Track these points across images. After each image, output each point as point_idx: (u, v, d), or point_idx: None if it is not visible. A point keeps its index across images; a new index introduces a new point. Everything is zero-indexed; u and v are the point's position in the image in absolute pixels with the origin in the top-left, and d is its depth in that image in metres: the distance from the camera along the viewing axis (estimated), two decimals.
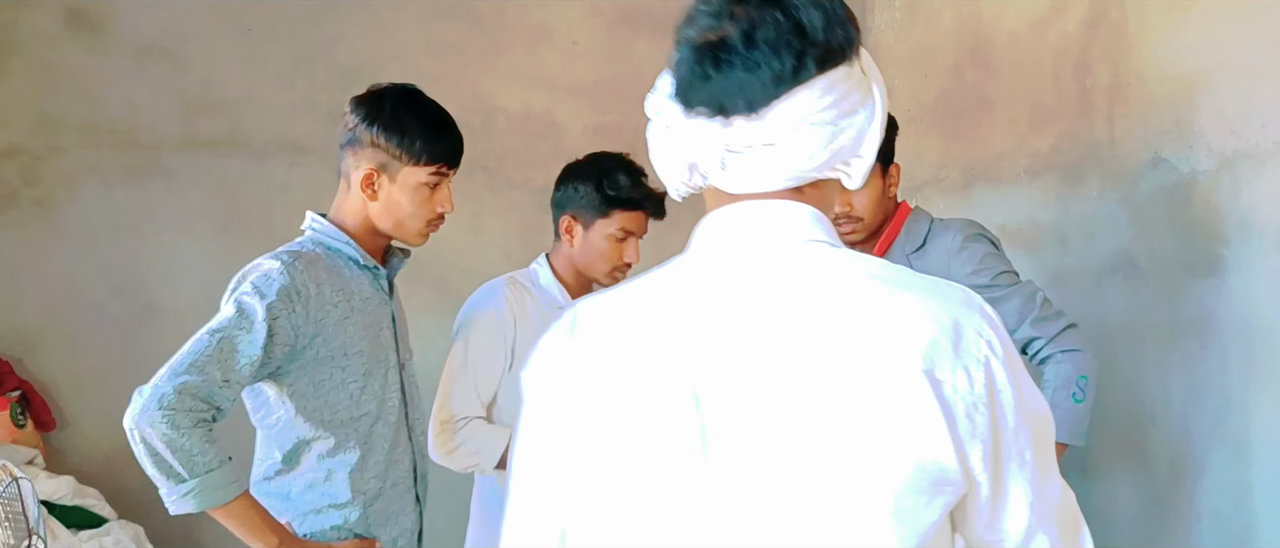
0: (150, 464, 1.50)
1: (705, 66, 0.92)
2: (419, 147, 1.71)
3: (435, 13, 3.48)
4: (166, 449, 1.48)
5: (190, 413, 1.49)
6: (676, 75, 0.96)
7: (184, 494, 1.51)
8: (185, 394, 1.49)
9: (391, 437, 1.77)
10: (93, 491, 2.97)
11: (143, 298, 3.27)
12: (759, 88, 0.89)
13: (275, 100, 3.34)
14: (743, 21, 0.91)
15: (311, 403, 1.67)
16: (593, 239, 2.09)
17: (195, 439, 1.49)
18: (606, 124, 3.58)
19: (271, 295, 1.58)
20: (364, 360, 1.72)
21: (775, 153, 0.91)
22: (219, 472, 1.52)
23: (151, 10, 3.24)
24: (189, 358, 1.52)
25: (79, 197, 3.22)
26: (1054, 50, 2.77)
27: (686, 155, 0.95)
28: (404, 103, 1.73)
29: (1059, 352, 1.90)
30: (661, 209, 2.13)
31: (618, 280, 2.11)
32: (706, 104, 0.92)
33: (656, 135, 1.00)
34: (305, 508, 1.71)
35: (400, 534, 1.82)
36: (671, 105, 0.96)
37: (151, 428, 1.47)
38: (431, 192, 1.74)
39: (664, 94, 0.98)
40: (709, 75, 0.92)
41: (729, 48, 0.91)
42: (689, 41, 0.96)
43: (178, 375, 1.50)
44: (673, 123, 0.96)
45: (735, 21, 0.92)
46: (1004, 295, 1.89)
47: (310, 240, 1.75)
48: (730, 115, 0.91)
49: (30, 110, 3.18)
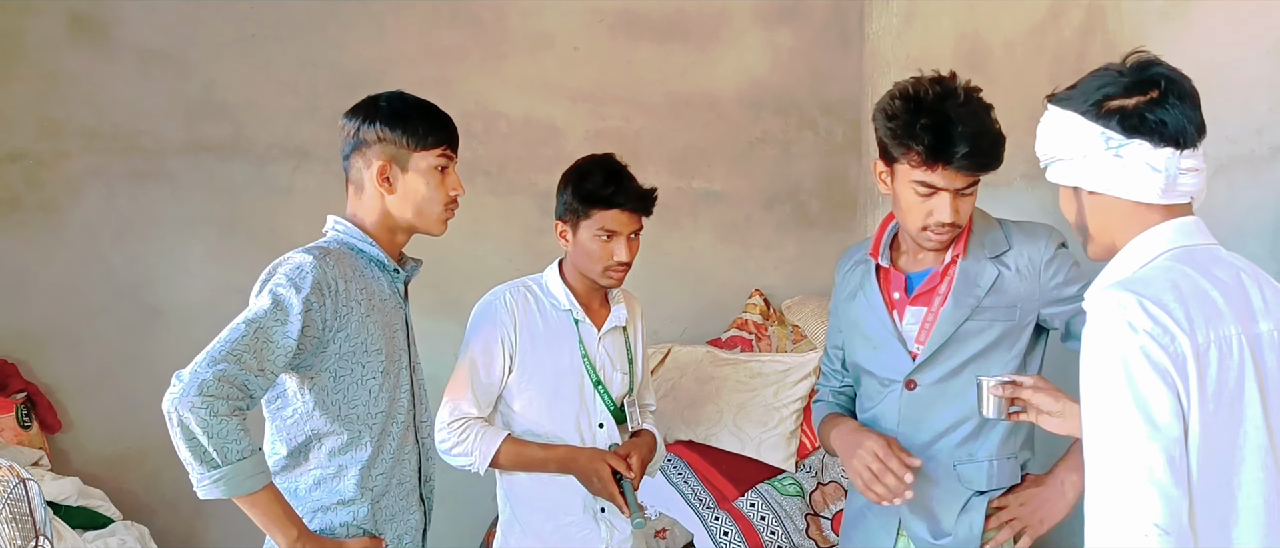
0: (185, 448, 1.52)
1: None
2: (423, 131, 1.77)
3: (438, 19, 3.51)
4: (204, 434, 1.50)
5: (228, 401, 1.52)
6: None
7: (215, 480, 1.53)
8: (224, 381, 1.52)
9: (400, 436, 1.81)
10: (98, 491, 2.99)
11: (146, 301, 3.30)
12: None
13: (278, 105, 3.37)
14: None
15: (331, 397, 1.70)
16: (581, 241, 2.13)
17: (231, 426, 1.52)
18: (607, 129, 3.61)
19: (306, 288, 1.62)
20: (382, 359, 1.75)
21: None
22: (250, 460, 1.55)
23: (155, 16, 3.27)
24: (226, 346, 1.55)
25: (83, 201, 3.25)
26: (1050, 56, 2.79)
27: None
28: (398, 100, 1.81)
29: None
30: (645, 205, 2.15)
31: (614, 279, 2.14)
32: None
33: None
34: (314, 505, 1.73)
35: (405, 532, 1.85)
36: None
37: (191, 413, 1.49)
38: (442, 175, 1.80)
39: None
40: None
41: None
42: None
43: (217, 363, 1.52)
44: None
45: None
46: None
47: (334, 240, 1.79)
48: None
49: (34, 115, 3.21)
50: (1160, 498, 1.20)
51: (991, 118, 1.74)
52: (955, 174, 1.71)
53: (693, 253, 3.75)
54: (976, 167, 1.71)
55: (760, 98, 3.79)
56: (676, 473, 2.99)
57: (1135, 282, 1.31)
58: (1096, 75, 1.42)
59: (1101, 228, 1.45)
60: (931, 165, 1.70)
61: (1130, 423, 1.21)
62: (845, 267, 2.06)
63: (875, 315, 1.91)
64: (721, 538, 2.76)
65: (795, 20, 3.82)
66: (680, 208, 3.75)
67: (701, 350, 3.43)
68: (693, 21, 3.70)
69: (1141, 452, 1.21)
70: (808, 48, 3.81)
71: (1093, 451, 1.26)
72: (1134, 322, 1.24)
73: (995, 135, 1.74)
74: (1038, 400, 1.63)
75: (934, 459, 1.87)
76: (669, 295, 3.69)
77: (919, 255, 1.90)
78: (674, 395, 3.25)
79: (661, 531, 2.95)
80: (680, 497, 2.93)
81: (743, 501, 2.87)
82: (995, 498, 1.89)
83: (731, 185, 3.78)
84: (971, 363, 1.84)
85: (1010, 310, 1.85)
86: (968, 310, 1.83)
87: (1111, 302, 1.28)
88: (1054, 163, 1.49)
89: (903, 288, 1.90)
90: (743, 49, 3.78)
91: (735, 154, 3.78)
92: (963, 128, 1.67)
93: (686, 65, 3.71)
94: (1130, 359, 1.23)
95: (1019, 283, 1.85)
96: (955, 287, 1.84)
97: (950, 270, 1.86)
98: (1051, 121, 1.46)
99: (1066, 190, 1.50)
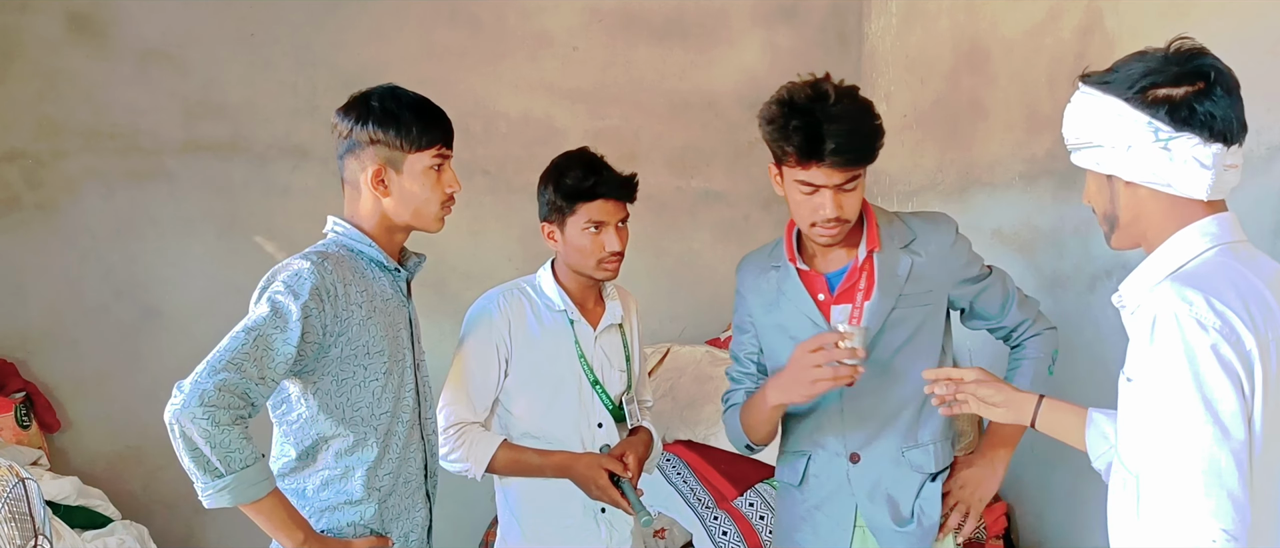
0: (189, 459, 1.52)
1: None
2: (417, 132, 1.76)
3: (437, 18, 3.51)
4: (206, 445, 1.51)
5: (229, 410, 1.52)
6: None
7: (220, 489, 1.53)
8: (225, 391, 1.52)
9: (406, 435, 1.82)
10: (97, 491, 2.99)
11: (145, 301, 3.30)
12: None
13: (277, 105, 3.37)
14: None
15: (334, 400, 1.71)
16: (570, 237, 2.12)
17: (233, 436, 1.53)
18: (606, 129, 3.61)
19: (304, 294, 1.61)
20: (385, 360, 1.75)
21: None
22: (253, 468, 1.55)
23: (154, 15, 3.26)
24: (227, 355, 1.55)
25: (81, 200, 3.24)
26: (1049, 57, 2.79)
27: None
28: (390, 98, 1.78)
29: (1044, 329, 2.03)
30: (628, 192, 2.15)
31: (609, 270, 2.14)
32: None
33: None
34: (321, 505, 1.73)
35: (412, 530, 1.86)
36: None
37: (193, 424, 1.50)
38: (438, 174, 1.79)
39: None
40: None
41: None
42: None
43: (217, 372, 1.52)
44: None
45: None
46: (989, 284, 1.99)
47: (334, 242, 1.79)
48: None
49: (33, 114, 3.20)
50: (1229, 502, 1.16)
51: (868, 115, 1.80)
52: (831, 170, 1.77)
53: (691, 252, 3.75)
54: (849, 162, 1.77)
55: (759, 98, 3.72)
56: (675, 473, 2.99)
57: (1196, 277, 1.26)
58: (1140, 59, 1.34)
59: (1136, 219, 1.38)
60: (805, 164, 1.77)
61: (1199, 424, 1.18)
62: (750, 275, 2.06)
63: (804, 318, 1.93)
64: (720, 538, 2.77)
65: (794, 20, 3.83)
66: (679, 208, 3.75)
67: (700, 350, 3.43)
68: (691, 22, 3.70)
69: (1210, 454, 1.17)
70: (806, 48, 3.82)
71: (1157, 451, 1.22)
72: (1203, 320, 1.19)
73: (868, 131, 1.79)
74: (982, 393, 1.64)
75: (882, 449, 1.93)
76: (668, 295, 3.70)
77: (829, 255, 1.95)
78: (673, 395, 3.25)
79: (661, 530, 2.95)
80: (679, 497, 2.93)
81: (742, 500, 2.88)
82: (944, 483, 1.96)
83: (730, 185, 3.78)
84: (902, 349, 1.90)
85: (928, 295, 1.92)
86: (893, 299, 1.89)
87: (1177, 298, 1.22)
88: (1086, 149, 1.40)
89: (825, 288, 1.94)
90: (741, 49, 3.78)
91: (734, 154, 3.78)
92: (833, 126, 1.73)
93: (685, 65, 3.71)
94: (1200, 358, 1.18)
95: (930, 268, 1.92)
96: (878, 279, 1.90)
97: (867, 265, 1.91)
98: (1088, 105, 1.38)
99: (1098, 177, 1.42)
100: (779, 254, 2.00)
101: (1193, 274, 1.27)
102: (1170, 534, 1.19)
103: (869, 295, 1.90)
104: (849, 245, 1.93)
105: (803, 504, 2.00)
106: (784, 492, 2.08)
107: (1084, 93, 1.39)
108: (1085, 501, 2.69)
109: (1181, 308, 1.21)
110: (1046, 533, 2.91)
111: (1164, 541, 1.20)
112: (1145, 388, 1.25)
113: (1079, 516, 2.74)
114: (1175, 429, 1.19)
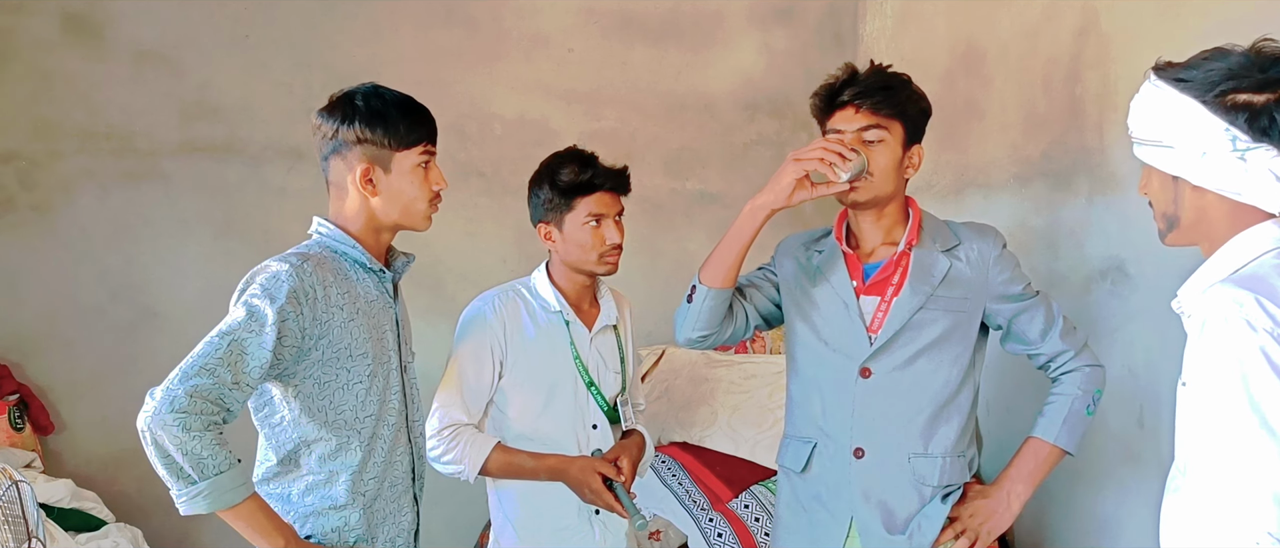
0: (162, 466, 1.52)
1: None
2: (403, 130, 1.75)
3: (432, 19, 3.51)
4: (178, 452, 1.50)
5: (202, 416, 1.51)
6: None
7: (195, 496, 1.52)
8: (197, 397, 1.50)
9: (392, 438, 1.80)
10: (91, 494, 2.98)
11: (140, 302, 3.29)
12: None
13: (272, 106, 3.36)
14: None
15: (317, 404, 1.69)
16: (570, 234, 2.12)
17: (206, 442, 1.51)
18: (602, 130, 3.61)
19: (281, 298, 1.59)
20: (369, 362, 1.74)
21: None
22: (229, 474, 1.54)
23: (149, 16, 3.26)
24: (200, 361, 1.53)
25: (76, 202, 3.24)
26: (1045, 58, 2.80)
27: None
28: (375, 97, 1.77)
29: (1085, 365, 1.96)
30: (623, 183, 2.16)
31: (611, 264, 2.14)
32: None
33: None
34: (305, 511, 1.72)
35: (398, 534, 1.84)
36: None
37: (164, 431, 1.49)
38: (425, 171, 1.78)
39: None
40: None
41: None
42: None
43: (189, 378, 1.51)
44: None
45: None
46: (1030, 306, 1.96)
47: (317, 243, 1.78)
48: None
49: (28, 115, 3.19)
50: (1275, 504, 1.14)
51: (898, 76, 1.94)
52: (853, 114, 1.89)
53: (687, 254, 3.74)
54: (872, 106, 1.89)
55: (755, 99, 3.80)
56: (671, 475, 2.99)
57: (1248, 279, 1.24)
58: (1220, 58, 1.30)
59: (1197, 222, 1.35)
60: (829, 113, 1.95)
61: (1246, 426, 1.16)
62: (792, 247, 2.09)
63: (837, 298, 1.94)
64: (716, 540, 2.76)
65: (789, 22, 3.83)
66: (674, 209, 3.75)
67: (696, 352, 3.42)
68: (687, 23, 3.70)
69: (1257, 457, 1.16)
70: (802, 50, 3.82)
71: (1204, 452, 1.22)
72: (1253, 320, 1.18)
73: (896, 84, 1.93)
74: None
75: (887, 451, 1.91)
76: (663, 297, 3.68)
77: (872, 246, 1.96)
78: (668, 397, 3.25)
79: (656, 532, 2.95)
80: (674, 499, 2.92)
81: (737, 502, 2.87)
82: (952, 509, 1.93)
83: (726, 187, 3.78)
84: (924, 353, 1.89)
85: (962, 302, 1.91)
86: (923, 298, 1.88)
87: (1227, 299, 1.21)
88: (1155, 147, 1.35)
89: (861, 277, 1.95)
90: (737, 51, 3.78)
91: (730, 156, 3.78)
92: (856, 75, 1.91)
93: (681, 67, 3.71)
94: (1248, 360, 1.17)
95: (970, 275, 1.92)
96: (911, 275, 1.90)
97: (904, 260, 1.91)
98: (1160, 100, 1.33)
99: (1162, 176, 1.37)
100: (824, 243, 2.03)
101: (1247, 277, 1.25)
102: (1215, 535, 1.18)
103: (899, 290, 1.89)
104: (891, 240, 1.95)
105: (804, 493, 2.00)
106: (785, 477, 2.07)
107: (1156, 86, 1.34)
108: (1084, 503, 2.69)
109: (1231, 309, 1.20)
110: (1046, 534, 2.91)
111: (1209, 541, 1.19)
112: (1195, 389, 1.24)
113: (1079, 517, 2.74)
114: (1222, 430, 1.19)
